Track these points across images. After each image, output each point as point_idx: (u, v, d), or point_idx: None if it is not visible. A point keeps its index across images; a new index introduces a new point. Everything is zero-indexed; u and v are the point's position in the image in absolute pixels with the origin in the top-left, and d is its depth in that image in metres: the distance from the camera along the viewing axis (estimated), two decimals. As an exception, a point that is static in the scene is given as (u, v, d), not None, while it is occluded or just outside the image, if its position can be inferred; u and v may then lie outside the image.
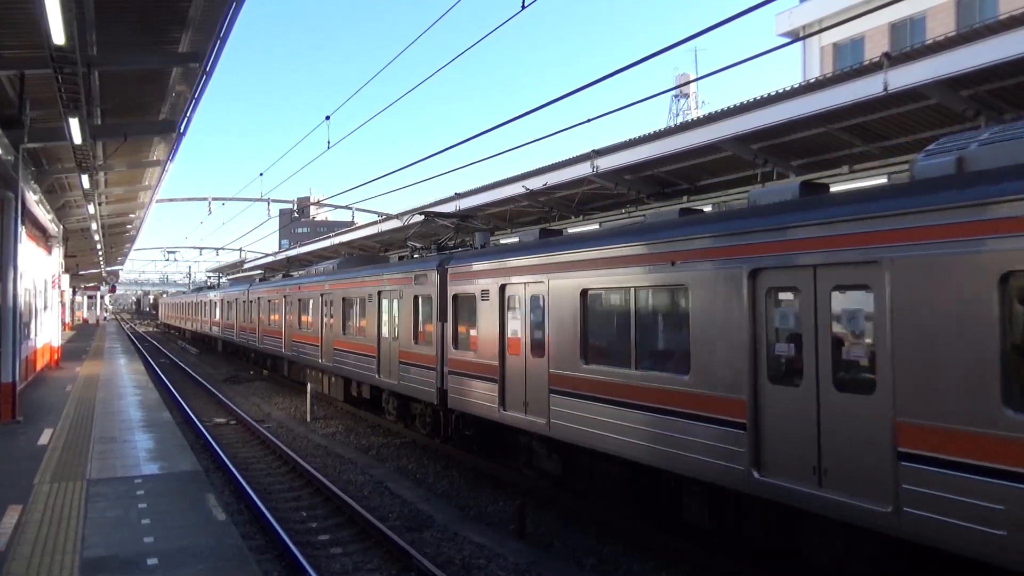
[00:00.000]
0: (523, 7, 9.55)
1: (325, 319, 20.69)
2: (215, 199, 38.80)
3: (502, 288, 11.67)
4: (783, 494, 7.01)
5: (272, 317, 26.97)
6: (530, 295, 11.01)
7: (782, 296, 7.25)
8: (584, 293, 9.82)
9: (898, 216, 6.15)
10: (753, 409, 7.30)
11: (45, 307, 26.39)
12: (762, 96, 11.49)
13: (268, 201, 37.27)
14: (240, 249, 56.31)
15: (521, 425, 11.17)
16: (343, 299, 19.22)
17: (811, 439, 6.76)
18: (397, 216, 25.36)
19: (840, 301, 6.72)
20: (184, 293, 65.98)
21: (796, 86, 11.15)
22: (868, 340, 6.50)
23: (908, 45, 11.39)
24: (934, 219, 5.91)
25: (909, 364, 6.02)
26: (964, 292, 5.67)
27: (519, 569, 8.58)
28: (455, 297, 13.13)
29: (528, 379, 10.98)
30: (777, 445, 7.12)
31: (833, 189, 8.25)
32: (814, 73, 25.47)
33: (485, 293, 12.10)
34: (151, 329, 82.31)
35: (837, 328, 6.75)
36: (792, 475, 6.92)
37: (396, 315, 15.76)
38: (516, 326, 11.38)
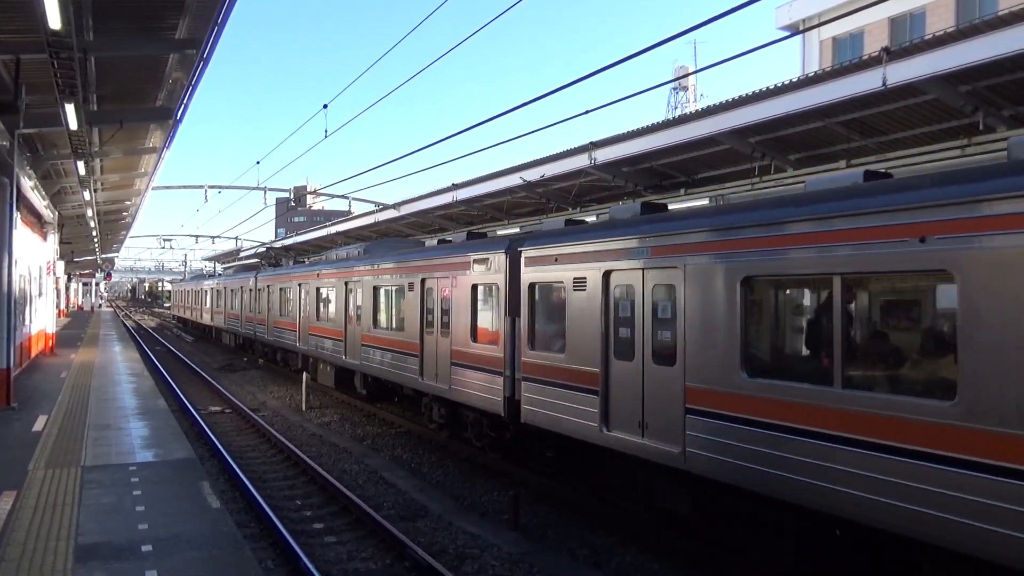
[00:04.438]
0: (522, -3, 9.50)
1: None
2: (211, 187, 38.88)
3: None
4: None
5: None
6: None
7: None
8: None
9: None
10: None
11: (40, 293, 26.32)
12: (761, 89, 11.47)
13: (265, 190, 37.26)
14: (236, 238, 56.22)
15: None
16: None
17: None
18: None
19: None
20: (213, 276, 47.13)
21: (795, 80, 11.13)
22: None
23: (907, 40, 11.39)
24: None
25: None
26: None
27: (512, 559, 8.61)
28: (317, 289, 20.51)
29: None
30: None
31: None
32: (813, 67, 25.42)
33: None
34: (146, 318, 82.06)
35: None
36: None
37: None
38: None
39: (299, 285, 23.19)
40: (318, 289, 21.28)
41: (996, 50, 8.70)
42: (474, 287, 12.51)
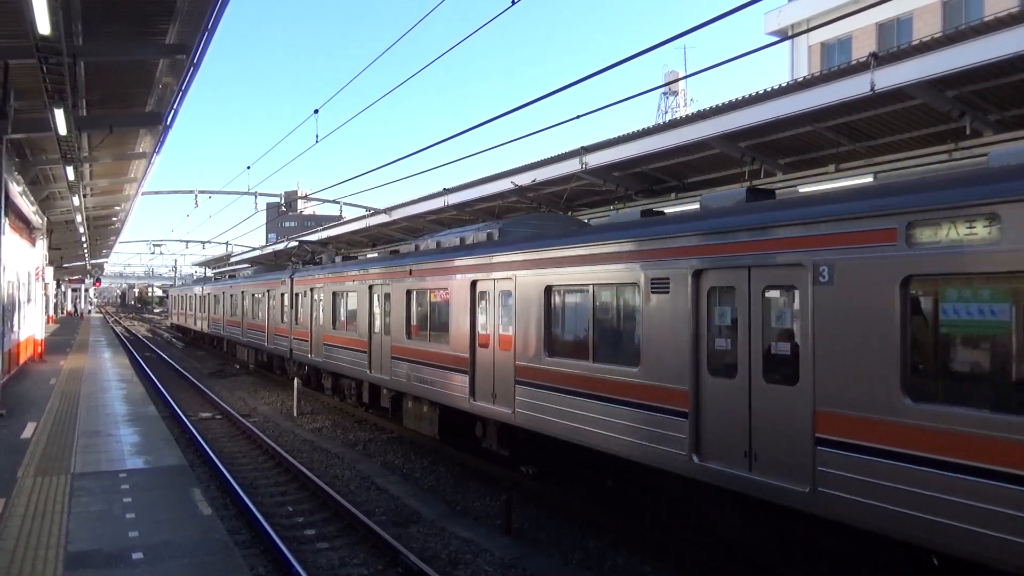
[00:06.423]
0: (512, 3, 9.54)
1: None
2: (201, 192, 38.60)
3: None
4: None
5: None
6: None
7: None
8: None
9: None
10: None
11: (28, 300, 26.15)
12: (750, 94, 11.54)
13: (255, 195, 37.12)
14: (227, 243, 56.00)
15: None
16: None
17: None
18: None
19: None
20: (225, 278, 38.58)
21: (784, 85, 11.20)
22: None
23: (895, 45, 11.48)
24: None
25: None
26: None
27: (505, 564, 8.61)
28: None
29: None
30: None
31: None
32: (802, 72, 25.60)
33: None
34: (136, 324, 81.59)
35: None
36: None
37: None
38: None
39: (370, 287, 16.69)
40: (409, 293, 14.91)
41: (982, 55, 8.79)
42: (905, 281, 5.82)
